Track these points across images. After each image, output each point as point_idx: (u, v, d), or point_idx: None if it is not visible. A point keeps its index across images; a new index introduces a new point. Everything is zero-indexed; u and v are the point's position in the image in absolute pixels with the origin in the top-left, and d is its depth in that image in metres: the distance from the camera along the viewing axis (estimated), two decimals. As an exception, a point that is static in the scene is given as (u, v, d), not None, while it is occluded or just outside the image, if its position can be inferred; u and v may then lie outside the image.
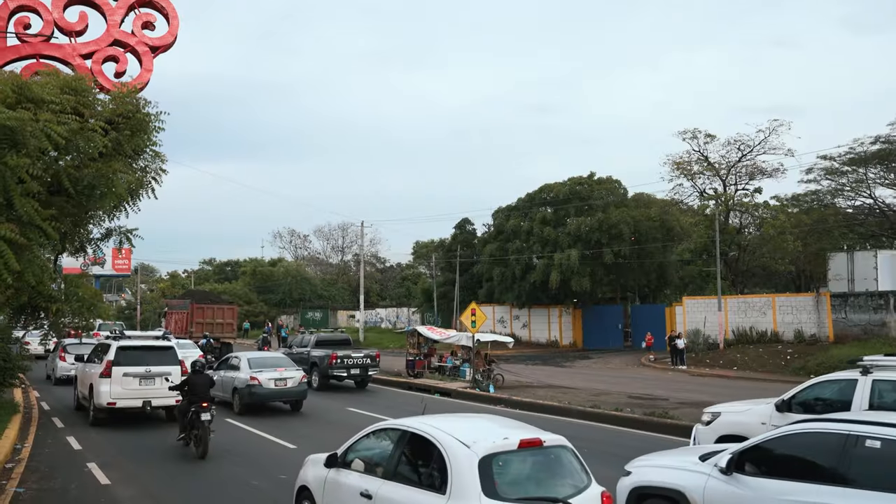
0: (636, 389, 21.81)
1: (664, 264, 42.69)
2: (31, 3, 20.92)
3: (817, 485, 5.72)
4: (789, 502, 5.82)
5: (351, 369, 22.91)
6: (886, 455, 5.47)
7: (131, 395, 15.38)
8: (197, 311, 34.87)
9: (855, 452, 5.67)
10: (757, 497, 6.06)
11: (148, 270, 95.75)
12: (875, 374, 8.85)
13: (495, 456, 5.65)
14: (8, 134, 7.49)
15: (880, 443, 5.56)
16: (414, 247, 71.33)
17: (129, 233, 11.28)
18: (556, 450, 6.08)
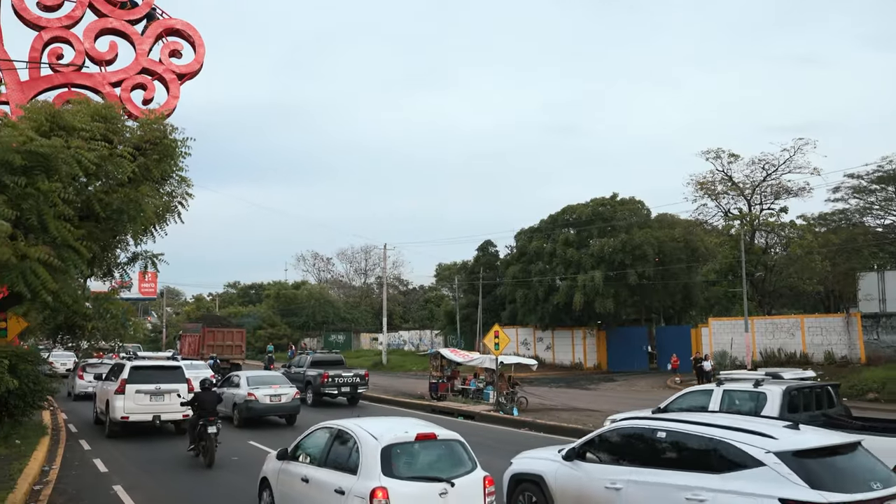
0: (662, 412, 21.51)
1: (689, 285, 42.26)
2: (63, 34, 21.60)
3: (627, 466, 7.54)
4: (607, 479, 7.57)
5: (341, 387, 24.59)
6: (670, 442, 7.34)
7: (143, 410, 16.89)
8: (208, 334, 37.93)
9: (652, 441, 7.51)
10: (587, 477, 7.87)
11: (173, 294, 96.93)
12: (725, 385, 11.10)
13: (395, 446, 7.35)
14: (41, 161, 7.68)
15: (665, 434, 7.46)
16: (436, 269, 71.47)
17: (155, 257, 11.43)
18: (449, 443, 7.76)
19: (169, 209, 10.45)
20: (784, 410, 9.93)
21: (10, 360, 14.46)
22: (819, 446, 6.63)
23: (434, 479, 7.29)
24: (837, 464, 6.54)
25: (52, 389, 18.77)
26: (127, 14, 22.17)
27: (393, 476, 7.12)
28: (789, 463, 6.30)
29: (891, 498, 6.13)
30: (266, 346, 61.76)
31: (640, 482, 7.25)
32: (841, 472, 6.44)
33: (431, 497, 7.15)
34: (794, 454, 6.38)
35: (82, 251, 7.89)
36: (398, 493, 6.97)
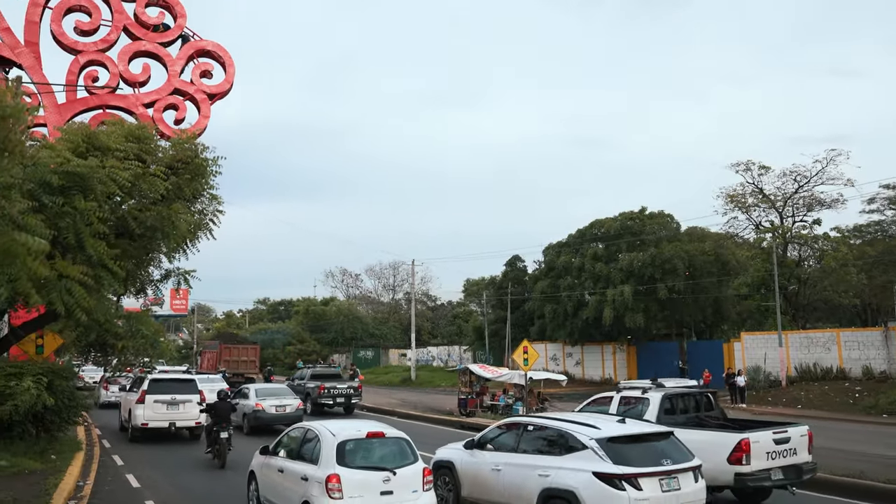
0: (695, 428, 21.13)
1: (720, 299, 41.61)
2: (99, 57, 22.16)
3: (506, 453, 9.95)
4: (493, 464, 9.97)
5: (336, 398, 27.02)
6: (534, 434, 9.82)
7: (160, 418, 18.98)
8: (224, 350, 41.03)
9: (522, 434, 9.96)
10: (481, 462, 10.24)
11: (204, 311, 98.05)
12: (623, 392, 13.10)
13: (348, 441, 9.01)
14: (78, 180, 7.86)
15: (532, 427, 9.98)
16: (465, 284, 71.34)
17: (187, 274, 11.57)
18: (396, 440, 9.41)
19: (200, 226, 10.59)
20: (662, 412, 11.75)
21: (47, 377, 14.75)
22: (625, 434, 9.12)
23: (380, 468, 8.87)
24: (640, 447, 8.99)
25: (87, 406, 19.06)
26: (160, 37, 22.69)
27: (345, 465, 8.73)
28: (604, 447, 8.71)
29: (675, 472, 8.66)
30: (296, 361, 62.18)
31: (513, 464, 9.70)
32: (641, 452, 8.83)
33: (376, 483, 8.74)
34: (607, 440, 8.81)
35: (116, 270, 8.04)
36: (348, 479, 8.57)
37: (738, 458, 10.20)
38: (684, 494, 8.61)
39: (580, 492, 8.46)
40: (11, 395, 13.81)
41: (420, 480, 9.00)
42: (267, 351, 65.56)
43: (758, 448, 10.38)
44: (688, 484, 8.72)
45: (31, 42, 21.40)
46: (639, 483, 8.33)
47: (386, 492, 8.69)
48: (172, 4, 22.92)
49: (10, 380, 14.06)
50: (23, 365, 15.07)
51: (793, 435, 10.98)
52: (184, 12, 22.97)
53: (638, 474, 8.37)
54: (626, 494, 8.24)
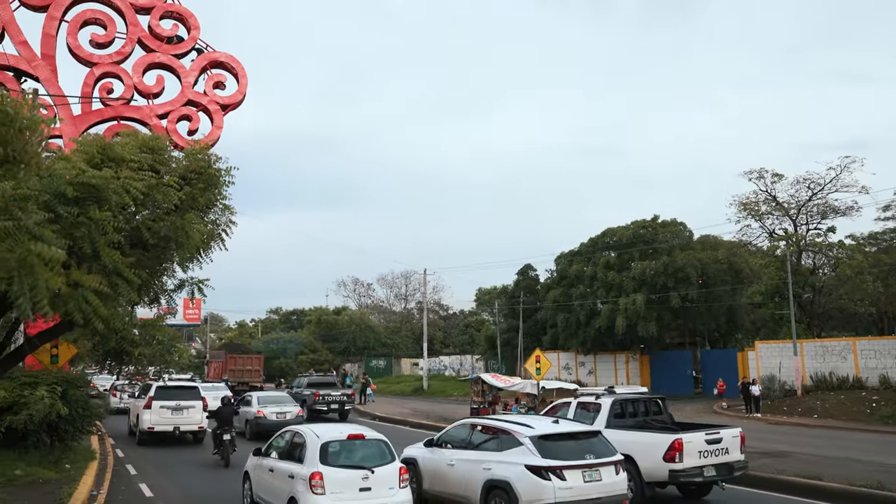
0: (709, 438, 20.95)
1: (734, 308, 41.31)
2: (114, 69, 22.40)
3: (458, 450, 11.36)
4: (448, 459, 11.31)
5: (330, 404, 29.08)
6: (482, 433, 11.29)
7: (165, 422, 20.62)
8: (230, 359, 43.03)
9: (472, 433, 11.49)
10: (439, 458, 11.61)
11: (217, 320, 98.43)
12: (580, 398, 14.22)
13: (331, 442, 9.99)
14: (93, 191, 7.93)
15: (480, 427, 11.50)
16: (477, 294, 71.25)
17: (201, 283, 11.64)
18: (375, 441, 10.33)
19: (213, 236, 10.63)
20: (612, 416, 13.04)
21: (61, 387, 14.85)
22: (555, 433, 10.49)
23: (360, 467, 9.80)
24: (567, 444, 10.35)
25: (101, 415, 19.18)
26: (174, 48, 22.91)
27: (328, 464, 9.67)
28: (535, 443, 10.05)
29: (597, 465, 9.99)
30: (308, 371, 62.24)
31: (463, 459, 11.05)
32: (567, 448, 10.20)
33: (355, 480, 9.68)
34: (539, 438, 10.15)
35: (132, 278, 8.10)
36: (330, 477, 9.51)
37: (671, 457, 11.51)
38: (605, 485, 9.98)
39: (514, 482, 9.85)
40: (26, 405, 13.91)
41: (397, 478, 9.96)
42: (279, 360, 65.72)
43: (690, 447, 11.64)
44: (609, 476, 10.10)
45: (48, 55, 21.67)
46: (563, 474, 9.74)
47: (364, 488, 9.65)
48: (186, 17, 23.14)
49: (24, 389, 14.18)
50: (38, 374, 15.20)
51: (725, 436, 12.17)
52: (197, 24, 23.19)
53: (563, 467, 9.77)
54: (551, 484, 9.64)
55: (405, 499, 9.89)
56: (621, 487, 10.26)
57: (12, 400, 14.04)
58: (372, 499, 9.59)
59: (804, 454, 17.23)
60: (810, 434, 22.71)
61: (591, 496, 9.79)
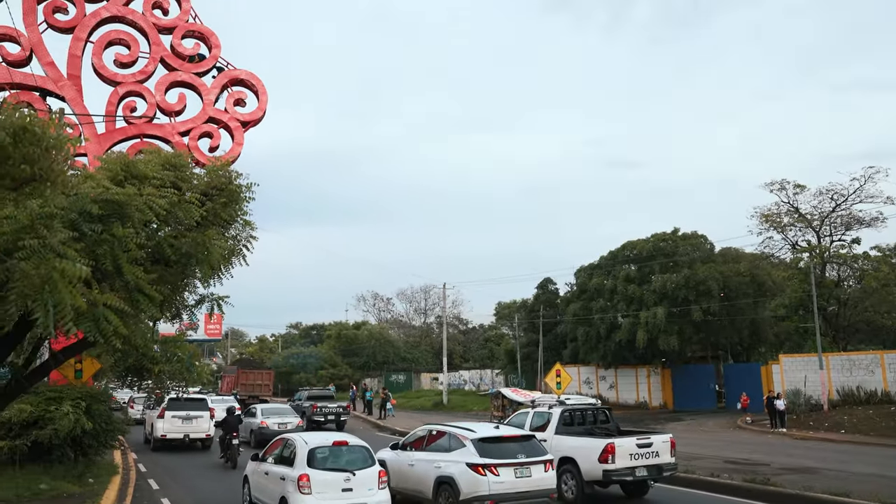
0: (733, 453, 20.65)
1: (757, 321, 40.80)
2: (137, 88, 22.76)
3: (417, 452, 13.03)
4: (409, 460, 13.00)
5: (327, 416, 31.43)
6: (436, 437, 12.77)
7: (176, 430, 22.93)
8: (242, 374, 45.87)
9: (430, 437, 12.99)
10: (402, 460, 13.27)
11: (238, 335, 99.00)
12: (536, 408, 15.87)
13: (317, 448, 11.21)
14: (116, 208, 8.03)
15: (435, 431, 13.07)
16: (496, 308, 70.98)
17: (221, 299, 11.71)
18: (358, 447, 11.54)
19: (234, 252, 10.71)
20: (561, 423, 14.80)
21: (85, 402, 15.01)
22: (493, 436, 12.20)
23: (343, 470, 10.97)
24: (503, 446, 12.02)
25: (124, 430, 19.35)
26: (195, 67, 23.24)
27: (314, 468, 10.85)
28: (476, 445, 11.80)
29: (527, 464, 11.70)
30: (327, 386, 62.28)
31: (421, 460, 12.73)
32: (503, 449, 11.88)
33: (338, 482, 10.83)
34: (479, 440, 11.90)
35: (153, 295, 8.18)
36: (316, 479, 10.67)
37: (605, 458, 13.23)
38: (534, 480, 11.73)
39: (457, 478, 11.59)
40: (51, 420, 14.08)
41: (376, 480, 11.14)
42: (299, 375, 65.86)
43: (622, 450, 13.36)
44: (538, 473, 11.82)
45: (74, 75, 22.08)
46: (497, 471, 11.46)
47: (346, 489, 10.82)
48: (207, 35, 23.49)
49: (50, 404, 14.36)
50: (62, 389, 15.39)
51: (655, 441, 13.89)
52: (218, 43, 23.52)
53: (497, 465, 11.51)
54: (486, 479, 11.37)
55: (383, 499, 11.06)
56: (549, 483, 12.01)
57: (38, 415, 14.24)
58: (353, 498, 10.77)
59: (831, 470, 16.90)
60: (837, 450, 22.28)
61: (521, 489, 11.58)
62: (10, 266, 6.07)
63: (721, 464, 18.08)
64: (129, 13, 22.96)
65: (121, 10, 22.89)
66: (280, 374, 69.05)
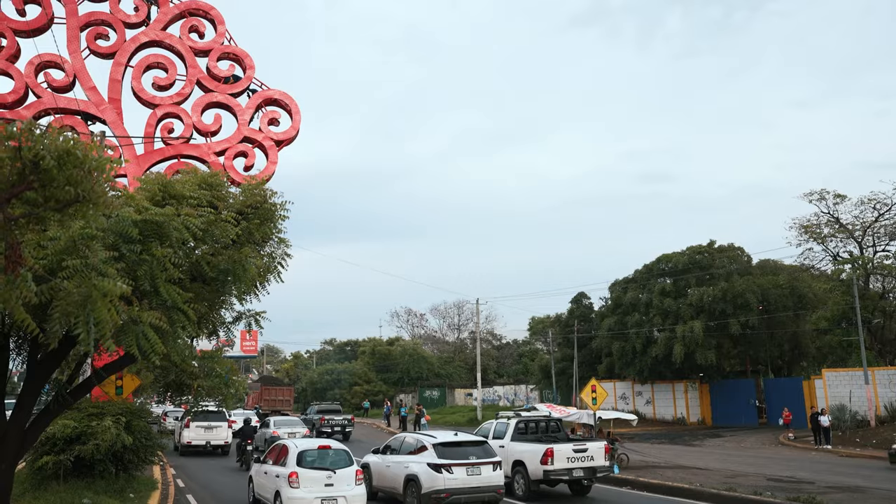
0: (776, 471, 20.16)
1: (798, 334, 39.88)
2: (174, 110, 23.29)
3: (392, 455, 15.52)
4: (387, 462, 15.48)
5: (333, 427, 35.22)
6: (407, 443, 15.51)
7: (200, 438, 27.42)
8: (264, 390, 51.05)
9: (401, 444, 15.62)
10: (382, 462, 15.77)
11: (273, 352, 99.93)
12: (496, 421, 18.64)
13: (306, 451, 13.54)
14: (155, 228, 8.20)
15: (407, 437, 15.93)
16: (530, 323, 70.58)
17: (258, 316, 11.85)
18: (340, 450, 13.92)
19: (269, 270, 10.84)
20: (516, 432, 17.54)
21: (125, 417, 15.26)
22: (450, 441, 14.69)
23: (326, 469, 13.27)
24: (459, 449, 14.44)
25: (163, 445, 19.62)
26: (230, 88, 23.71)
27: (303, 467, 13.18)
28: (436, 448, 14.26)
29: (478, 464, 14.05)
30: (362, 402, 62.39)
31: (395, 462, 15.29)
32: (458, 452, 14.26)
33: (322, 478, 13.10)
34: (439, 444, 14.40)
35: (190, 313, 8.31)
36: (303, 475, 13.01)
37: (545, 461, 15.84)
38: (483, 478, 14.10)
39: (419, 475, 14.07)
40: (93, 435, 14.34)
41: (353, 478, 13.42)
42: (334, 391, 66.13)
43: (560, 454, 15.94)
44: (487, 472, 14.20)
45: (114, 99, 22.70)
46: (452, 470, 13.88)
47: (328, 484, 13.10)
48: (242, 57, 23.96)
49: (91, 420, 14.63)
50: (104, 405, 15.68)
51: (591, 447, 16.54)
52: (252, 64, 23.97)
53: (452, 464, 13.94)
54: (442, 476, 13.83)
55: (359, 493, 13.35)
56: (497, 480, 14.36)
57: (81, 430, 14.51)
58: (333, 492, 13.06)
59: (881, 490, 16.38)
60: (886, 468, 21.60)
61: (472, 485, 13.97)
62: (55, 285, 6.23)
63: (764, 482, 17.65)
64: (166, 37, 23.56)
65: (159, 34, 23.50)
66: (315, 390, 69.43)
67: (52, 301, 6.29)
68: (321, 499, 12.89)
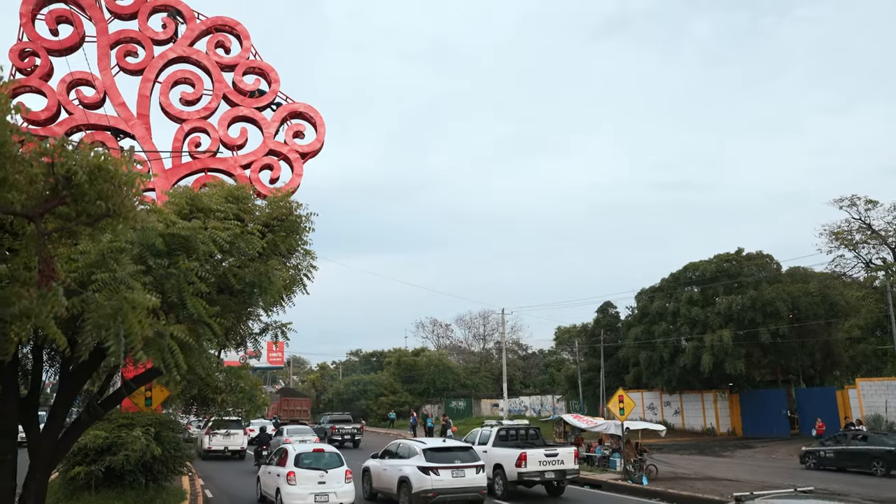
0: (810, 483, 19.76)
1: (830, 343, 39.14)
2: (201, 124, 23.62)
3: (389, 459, 17.56)
4: (384, 465, 17.54)
5: (343, 435, 38.15)
6: (401, 448, 17.62)
7: (219, 444, 30.48)
8: (284, 401, 55.00)
9: (397, 449, 17.70)
10: (379, 465, 17.82)
11: (299, 363, 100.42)
12: (482, 428, 21.10)
13: (302, 453, 15.93)
14: (182, 242, 8.32)
15: (400, 444, 18.00)
16: (556, 332, 70.16)
17: (284, 327, 11.94)
18: (332, 454, 16.07)
19: (295, 281, 10.92)
20: (497, 438, 19.73)
21: (154, 428, 15.45)
22: (437, 447, 16.64)
23: (320, 468, 15.44)
24: (446, 454, 16.26)
25: (191, 456, 19.80)
26: (256, 102, 23.99)
27: (299, 467, 15.41)
28: (425, 453, 16.11)
29: (463, 467, 15.83)
30: (388, 413, 62.39)
31: (391, 465, 17.11)
32: (445, 456, 16.11)
33: (316, 477, 15.25)
34: (427, 449, 16.26)
35: (216, 327, 8.39)
36: (299, 474, 15.22)
37: (519, 464, 18.00)
38: (467, 480, 15.87)
39: (410, 477, 15.90)
40: (123, 445, 14.52)
41: (343, 477, 15.58)
42: (360, 402, 66.24)
43: (532, 458, 18.09)
44: (471, 474, 16.01)
45: (143, 114, 23.10)
46: (439, 472, 15.69)
47: (321, 482, 15.21)
48: (267, 71, 24.24)
49: (122, 430, 14.83)
50: (133, 416, 15.89)
51: (561, 452, 18.85)
52: (278, 78, 24.24)
53: (439, 467, 15.75)
54: (430, 478, 15.64)
55: (349, 489, 15.54)
56: (480, 482, 16.15)
57: (111, 440, 14.72)
58: (326, 489, 15.14)
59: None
60: (922, 479, 21.06)
61: (456, 486, 15.72)
62: (86, 298, 6.35)
63: (796, 493, 17.27)
64: (193, 53, 23.94)
65: (186, 50, 23.88)
66: (342, 401, 69.60)
67: (84, 313, 6.41)
68: (315, 494, 14.99)
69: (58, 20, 22.84)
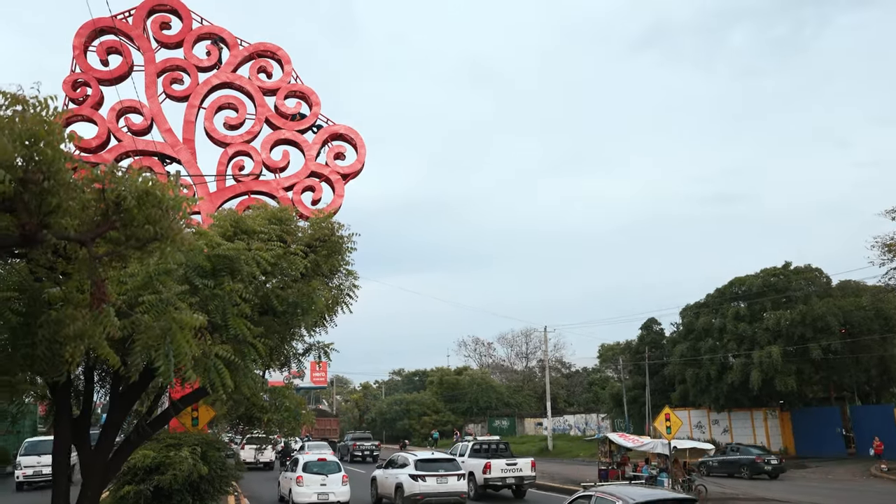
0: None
1: (886, 358, 37.74)
2: (245, 148, 24.15)
3: (392, 469, 21.11)
4: (387, 474, 21.21)
5: (364, 451, 44.77)
6: (397, 459, 21.54)
7: (251, 457, 34.28)
8: (316, 421, 55.13)
9: (396, 461, 21.49)
10: (384, 475, 21.43)
11: (342, 382, 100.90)
12: (461, 442, 27.15)
13: (309, 461, 21.29)
14: (227, 263, 8.48)
15: (401, 456, 21.67)
16: (599, 350, 69.23)
17: (327, 347, 12.03)
18: (332, 462, 21.92)
19: (338, 301, 11.01)
20: (472, 451, 24.08)
21: (201, 448, 15.65)
22: (426, 458, 20.65)
23: (322, 473, 19.92)
24: (432, 464, 20.29)
25: (237, 475, 20.00)
26: (297, 125, 24.45)
27: (306, 472, 19.95)
28: (416, 463, 20.06)
29: (446, 475, 19.81)
30: (431, 432, 62.24)
31: (390, 474, 20.76)
32: (432, 466, 20.09)
33: (319, 479, 19.69)
34: (418, 461, 20.18)
35: (259, 347, 8.51)
36: (307, 478, 19.61)
37: (485, 472, 22.81)
38: (450, 486, 19.37)
39: (403, 483, 19.38)
40: (171, 465, 14.75)
41: (341, 480, 20.04)
42: (403, 421, 66.23)
43: (495, 467, 22.89)
44: (453, 482, 19.58)
45: (188, 139, 23.73)
46: (425, 479, 19.18)
47: (323, 483, 19.53)
48: (308, 94, 24.70)
49: (170, 450, 15.06)
50: (181, 436, 16.13)
51: (520, 462, 23.56)
52: (318, 101, 24.67)
53: (426, 475, 19.25)
54: (418, 484, 19.06)
55: (345, 490, 19.86)
56: (461, 488, 19.88)
57: (159, 460, 14.95)
58: (326, 489, 19.49)
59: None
60: None
61: (440, 491, 19.23)
62: (136, 320, 6.51)
63: (853, 515, 16.68)
64: (236, 79, 24.54)
65: (229, 76, 24.50)
66: (384, 420, 69.70)
67: (133, 335, 6.57)
68: (318, 493, 19.38)
69: (108, 51, 23.68)
